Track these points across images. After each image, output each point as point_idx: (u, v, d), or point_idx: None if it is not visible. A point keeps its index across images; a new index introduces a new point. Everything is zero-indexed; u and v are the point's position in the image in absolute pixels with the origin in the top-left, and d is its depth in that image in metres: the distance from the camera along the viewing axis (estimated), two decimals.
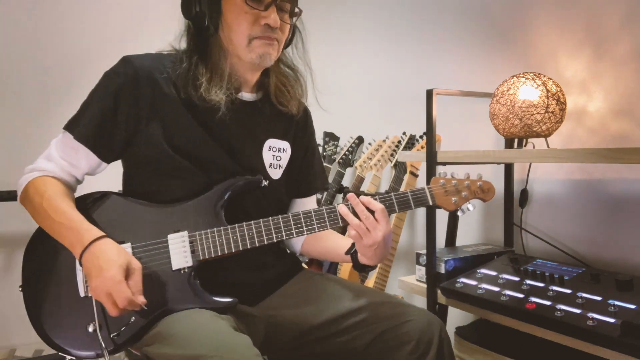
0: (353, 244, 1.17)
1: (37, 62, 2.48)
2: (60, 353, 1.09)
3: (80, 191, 1.20)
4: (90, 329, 1.06)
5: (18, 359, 2.33)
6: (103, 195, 1.14)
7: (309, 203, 1.37)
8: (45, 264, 1.12)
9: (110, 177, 1.25)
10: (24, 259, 1.14)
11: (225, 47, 1.14)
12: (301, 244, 1.36)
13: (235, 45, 1.12)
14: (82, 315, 1.08)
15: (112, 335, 1.06)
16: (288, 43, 1.23)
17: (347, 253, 1.19)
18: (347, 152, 2.48)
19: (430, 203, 1.15)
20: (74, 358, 1.10)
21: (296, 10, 1.17)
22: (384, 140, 2.36)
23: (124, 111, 1.10)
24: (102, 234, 1.04)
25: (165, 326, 1.03)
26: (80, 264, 1.03)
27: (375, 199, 1.11)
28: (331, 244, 1.29)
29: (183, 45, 1.17)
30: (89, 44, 2.58)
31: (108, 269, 0.98)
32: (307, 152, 1.34)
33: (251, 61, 1.13)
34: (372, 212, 1.09)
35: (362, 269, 1.18)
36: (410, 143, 2.19)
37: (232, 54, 1.14)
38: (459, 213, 1.17)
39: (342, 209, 1.10)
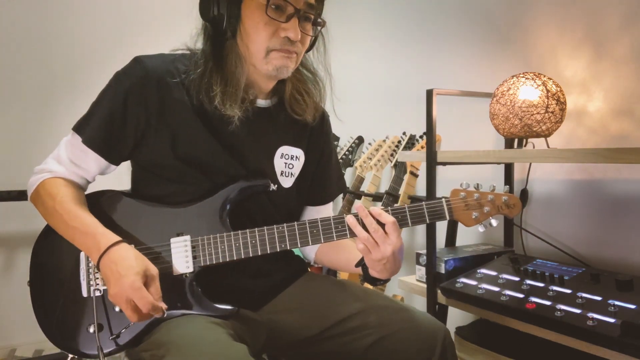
0: (363, 257, 1.11)
1: (41, 62, 2.49)
2: (62, 351, 1.10)
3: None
4: (91, 330, 1.07)
5: (18, 359, 2.33)
6: (109, 195, 1.14)
7: (323, 211, 1.32)
8: (51, 261, 1.12)
9: (112, 174, 1.25)
10: (32, 256, 1.14)
11: (242, 53, 1.10)
12: (315, 252, 1.32)
13: (251, 54, 1.08)
14: (84, 315, 1.08)
15: (111, 337, 1.06)
16: (310, 47, 1.18)
17: (356, 266, 1.14)
18: (347, 152, 2.48)
19: (447, 217, 1.07)
20: (75, 357, 1.11)
21: (319, 20, 1.12)
22: (384, 140, 2.36)
23: (132, 114, 1.08)
24: (119, 238, 1.03)
25: (163, 333, 1.02)
26: (98, 269, 1.02)
27: (387, 211, 1.05)
28: (345, 256, 1.23)
29: (199, 45, 1.13)
30: (95, 44, 2.58)
31: (127, 275, 0.96)
32: (322, 158, 1.30)
33: (267, 73, 1.09)
34: (382, 224, 1.02)
35: (373, 282, 1.13)
36: (410, 143, 2.19)
37: (249, 62, 1.10)
38: (480, 229, 1.09)
39: (350, 220, 1.04)
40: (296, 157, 1.23)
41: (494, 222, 1.08)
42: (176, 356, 0.93)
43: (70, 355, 1.11)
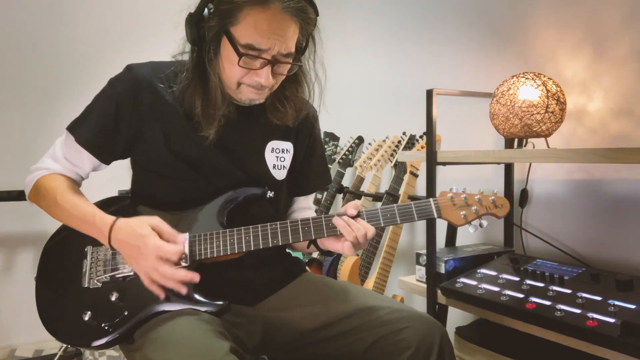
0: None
1: (41, 63, 2.49)
2: (60, 342, 1.13)
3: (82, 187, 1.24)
4: (86, 318, 1.10)
5: (18, 359, 2.33)
6: (112, 201, 1.20)
7: (306, 201, 1.37)
8: (60, 259, 1.18)
9: (109, 174, 1.26)
10: (42, 253, 1.19)
11: (220, 77, 1.11)
12: None
13: (225, 83, 1.11)
14: (82, 305, 1.11)
15: (103, 325, 1.08)
16: (301, 53, 1.15)
17: (308, 246, 1.20)
18: (347, 152, 2.48)
19: (435, 215, 1.12)
20: (68, 346, 1.13)
21: (298, 63, 1.12)
22: (384, 140, 2.36)
23: (124, 117, 1.13)
24: (113, 218, 1.09)
25: (152, 329, 1.04)
26: (113, 250, 1.10)
27: (377, 214, 1.10)
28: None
29: (186, 56, 1.14)
30: (93, 47, 2.58)
31: (145, 245, 1.03)
32: (307, 150, 1.33)
33: (239, 101, 1.14)
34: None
35: (329, 254, 1.18)
36: (410, 143, 2.19)
37: (225, 86, 1.13)
38: (471, 229, 1.12)
39: (339, 222, 1.09)
40: (286, 150, 1.26)
41: (484, 223, 1.12)
42: (160, 352, 0.96)
43: (64, 345, 1.13)
